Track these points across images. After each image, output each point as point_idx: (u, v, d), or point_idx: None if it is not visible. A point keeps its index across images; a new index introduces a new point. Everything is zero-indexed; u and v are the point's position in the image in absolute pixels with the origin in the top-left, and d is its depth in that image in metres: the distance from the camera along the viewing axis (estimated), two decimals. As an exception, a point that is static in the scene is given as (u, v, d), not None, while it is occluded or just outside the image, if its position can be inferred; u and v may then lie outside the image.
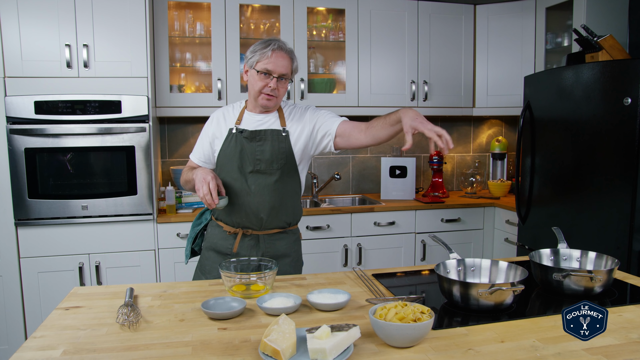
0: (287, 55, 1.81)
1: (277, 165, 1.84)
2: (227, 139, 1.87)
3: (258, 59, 1.79)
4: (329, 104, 3.36)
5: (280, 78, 1.80)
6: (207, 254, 1.96)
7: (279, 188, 1.86)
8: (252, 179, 1.84)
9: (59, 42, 2.71)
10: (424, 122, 1.50)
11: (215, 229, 1.95)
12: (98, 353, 1.13)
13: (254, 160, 1.83)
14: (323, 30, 3.46)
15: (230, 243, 1.89)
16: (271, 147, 1.84)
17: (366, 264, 3.22)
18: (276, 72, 1.78)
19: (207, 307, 1.35)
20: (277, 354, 1.05)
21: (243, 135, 1.84)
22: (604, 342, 1.16)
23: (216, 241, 1.93)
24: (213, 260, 1.92)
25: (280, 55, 1.79)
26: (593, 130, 2.49)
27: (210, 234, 1.96)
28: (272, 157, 1.83)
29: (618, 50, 2.65)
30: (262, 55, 1.78)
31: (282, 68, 1.79)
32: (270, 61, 1.77)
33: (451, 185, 4.05)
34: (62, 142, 2.72)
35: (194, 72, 3.36)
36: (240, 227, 1.88)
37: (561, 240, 1.71)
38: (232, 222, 1.89)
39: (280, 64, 1.78)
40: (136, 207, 2.83)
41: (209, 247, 1.96)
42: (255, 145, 1.84)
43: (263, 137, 1.84)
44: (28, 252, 2.74)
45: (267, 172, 1.84)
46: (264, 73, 1.78)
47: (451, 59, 3.57)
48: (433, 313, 1.18)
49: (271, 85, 1.79)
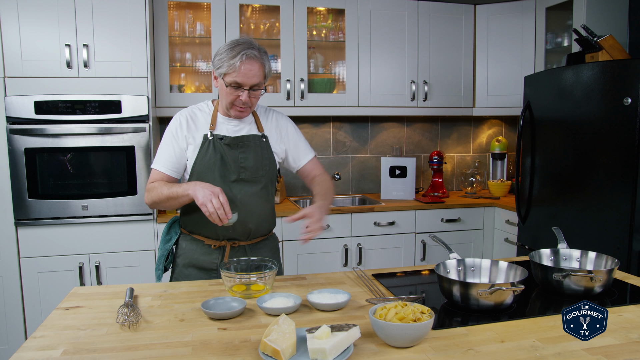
0: (258, 62, 1.64)
1: (262, 172, 1.78)
2: (204, 146, 1.72)
3: (226, 71, 1.63)
4: (329, 104, 3.36)
5: (252, 88, 1.67)
6: (185, 272, 1.81)
7: (264, 196, 1.81)
8: (237, 188, 1.74)
9: (59, 42, 2.71)
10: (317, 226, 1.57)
11: (192, 243, 1.80)
12: (98, 353, 1.13)
13: (238, 168, 1.73)
14: (323, 30, 3.46)
15: (215, 258, 1.78)
16: (254, 154, 1.76)
17: (366, 264, 3.22)
18: (247, 84, 1.64)
19: (207, 307, 1.35)
20: (277, 354, 1.05)
21: (224, 142, 1.72)
22: (604, 342, 1.16)
23: (197, 257, 1.79)
24: (195, 277, 1.79)
25: (249, 65, 1.62)
26: (593, 130, 2.49)
27: (188, 250, 1.81)
28: (256, 165, 1.76)
29: (618, 50, 2.65)
30: (230, 67, 1.62)
31: (253, 79, 1.64)
32: (240, 74, 1.62)
33: (451, 185, 4.05)
34: (62, 142, 2.72)
35: (194, 72, 3.36)
36: (226, 239, 1.77)
37: (561, 240, 1.71)
38: (215, 235, 1.77)
39: (250, 75, 1.63)
40: (136, 207, 2.83)
41: (187, 264, 1.81)
42: (238, 152, 1.74)
43: (245, 144, 1.75)
44: (28, 252, 2.74)
45: (252, 180, 1.76)
46: (234, 86, 1.65)
47: (451, 59, 3.57)
48: (433, 313, 1.18)
49: (242, 98, 1.66)
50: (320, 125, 3.72)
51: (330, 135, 3.75)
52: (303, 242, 1.56)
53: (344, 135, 3.78)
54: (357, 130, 3.80)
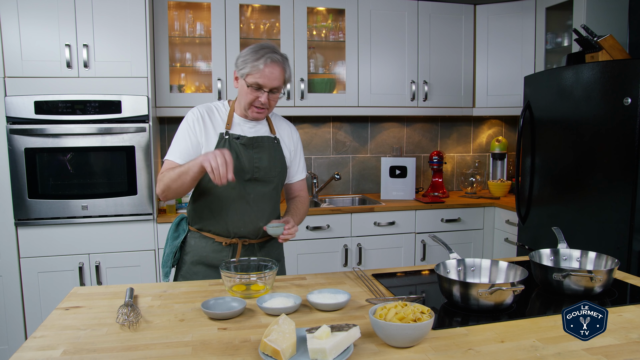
0: (280, 66, 1.70)
1: (275, 172, 1.83)
2: (220, 144, 1.76)
3: (249, 72, 1.68)
4: (329, 104, 3.36)
5: (272, 91, 1.72)
6: (194, 269, 1.83)
7: (275, 196, 1.86)
8: (251, 187, 1.78)
9: (59, 42, 2.71)
10: (293, 230, 1.74)
11: (201, 240, 1.83)
12: (98, 353, 1.13)
13: (252, 167, 1.77)
14: (323, 30, 3.46)
15: (226, 255, 1.80)
16: (268, 155, 1.81)
17: (366, 264, 3.22)
18: (267, 86, 1.69)
19: (207, 307, 1.35)
20: (277, 354, 1.05)
21: (240, 141, 1.77)
22: (604, 342, 1.16)
23: (207, 254, 1.81)
24: (203, 275, 1.81)
25: (272, 68, 1.67)
26: (593, 130, 2.49)
27: (196, 247, 1.83)
28: (269, 165, 1.81)
29: (618, 50, 2.65)
30: (253, 68, 1.67)
31: (274, 81, 1.69)
32: (262, 75, 1.67)
33: (451, 185, 4.05)
34: (62, 142, 2.72)
35: (194, 72, 3.36)
36: (237, 237, 1.80)
37: (561, 240, 1.71)
38: (227, 232, 1.80)
39: (272, 78, 1.68)
40: (136, 207, 2.83)
41: (196, 261, 1.83)
42: (253, 152, 1.78)
43: (260, 145, 1.80)
44: (28, 252, 2.74)
45: (264, 180, 1.80)
46: (255, 87, 1.70)
47: (451, 59, 3.57)
48: (433, 313, 1.18)
49: (262, 99, 1.71)
50: (320, 125, 3.72)
51: (330, 135, 3.75)
52: (282, 241, 1.74)
53: (344, 135, 3.78)
54: (357, 130, 3.80)
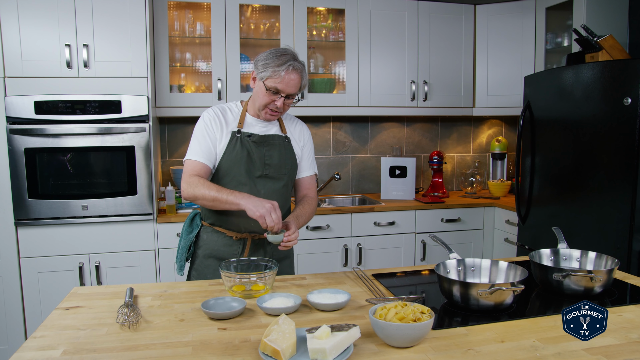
0: (299, 74, 1.75)
1: (285, 170, 1.87)
2: (232, 142, 1.81)
3: (269, 75, 1.72)
4: (329, 104, 3.36)
5: (288, 97, 1.77)
6: (205, 262, 1.89)
7: (285, 193, 1.90)
8: (261, 183, 1.84)
9: (59, 42, 2.71)
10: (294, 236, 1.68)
11: (213, 234, 1.89)
12: (98, 353, 1.13)
13: (263, 165, 1.83)
14: (323, 30, 3.46)
15: (236, 249, 1.86)
16: (279, 153, 1.86)
17: (366, 264, 3.22)
18: (285, 92, 1.74)
19: (207, 307, 1.35)
20: (277, 354, 1.05)
21: (252, 139, 1.82)
22: (604, 342, 1.16)
23: (218, 248, 1.87)
24: (214, 268, 1.87)
25: (292, 75, 1.72)
26: (593, 130, 2.49)
27: (209, 241, 1.89)
28: (280, 163, 1.85)
29: (618, 50, 2.65)
30: (274, 73, 1.71)
31: (292, 88, 1.74)
32: (282, 81, 1.71)
33: (451, 185, 4.05)
34: (62, 142, 2.72)
35: (194, 72, 3.36)
36: (247, 232, 1.85)
37: (561, 240, 1.71)
38: (237, 227, 1.85)
39: (291, 85, 1.73)
40: (136, 207, 2.83)
41: (208, 254, 1.89)
42: (264, 150, 1.83)
43: (271, 143, 1.85)
44: (28, 252, 2.74)
45: (275, 177, 1.86)
46: (273, 91, 1.74)
47: (451, 59, 3.57)
48: (433, 313, 1.18)
49: (277, 104, 1.76)
50: (320, 125, 3.72)
51: (330, 135, 3.75)
52: (282, 249, 1.67)
53: (344, 135, 3.78)
54: (357, 130, 3.80)
